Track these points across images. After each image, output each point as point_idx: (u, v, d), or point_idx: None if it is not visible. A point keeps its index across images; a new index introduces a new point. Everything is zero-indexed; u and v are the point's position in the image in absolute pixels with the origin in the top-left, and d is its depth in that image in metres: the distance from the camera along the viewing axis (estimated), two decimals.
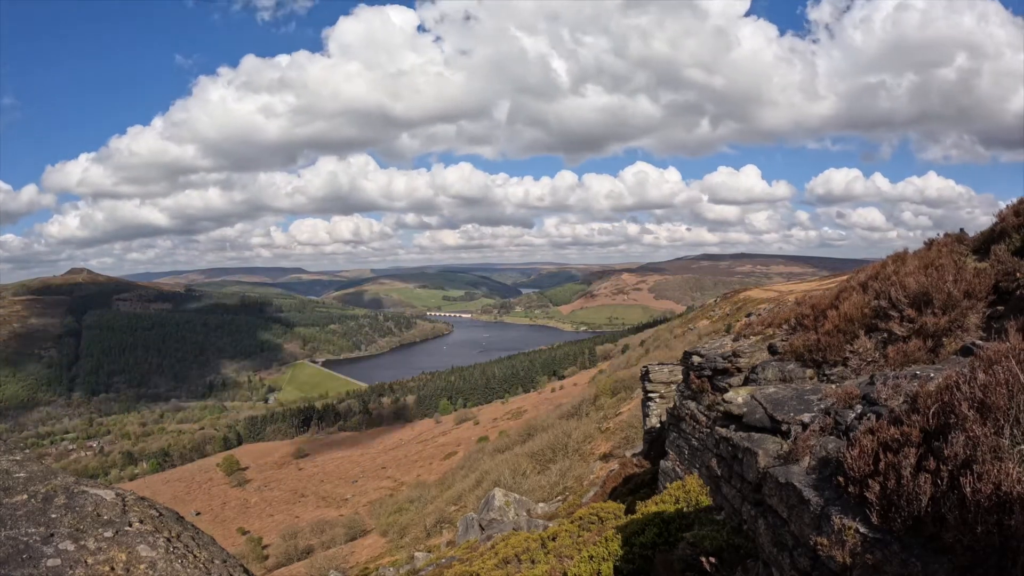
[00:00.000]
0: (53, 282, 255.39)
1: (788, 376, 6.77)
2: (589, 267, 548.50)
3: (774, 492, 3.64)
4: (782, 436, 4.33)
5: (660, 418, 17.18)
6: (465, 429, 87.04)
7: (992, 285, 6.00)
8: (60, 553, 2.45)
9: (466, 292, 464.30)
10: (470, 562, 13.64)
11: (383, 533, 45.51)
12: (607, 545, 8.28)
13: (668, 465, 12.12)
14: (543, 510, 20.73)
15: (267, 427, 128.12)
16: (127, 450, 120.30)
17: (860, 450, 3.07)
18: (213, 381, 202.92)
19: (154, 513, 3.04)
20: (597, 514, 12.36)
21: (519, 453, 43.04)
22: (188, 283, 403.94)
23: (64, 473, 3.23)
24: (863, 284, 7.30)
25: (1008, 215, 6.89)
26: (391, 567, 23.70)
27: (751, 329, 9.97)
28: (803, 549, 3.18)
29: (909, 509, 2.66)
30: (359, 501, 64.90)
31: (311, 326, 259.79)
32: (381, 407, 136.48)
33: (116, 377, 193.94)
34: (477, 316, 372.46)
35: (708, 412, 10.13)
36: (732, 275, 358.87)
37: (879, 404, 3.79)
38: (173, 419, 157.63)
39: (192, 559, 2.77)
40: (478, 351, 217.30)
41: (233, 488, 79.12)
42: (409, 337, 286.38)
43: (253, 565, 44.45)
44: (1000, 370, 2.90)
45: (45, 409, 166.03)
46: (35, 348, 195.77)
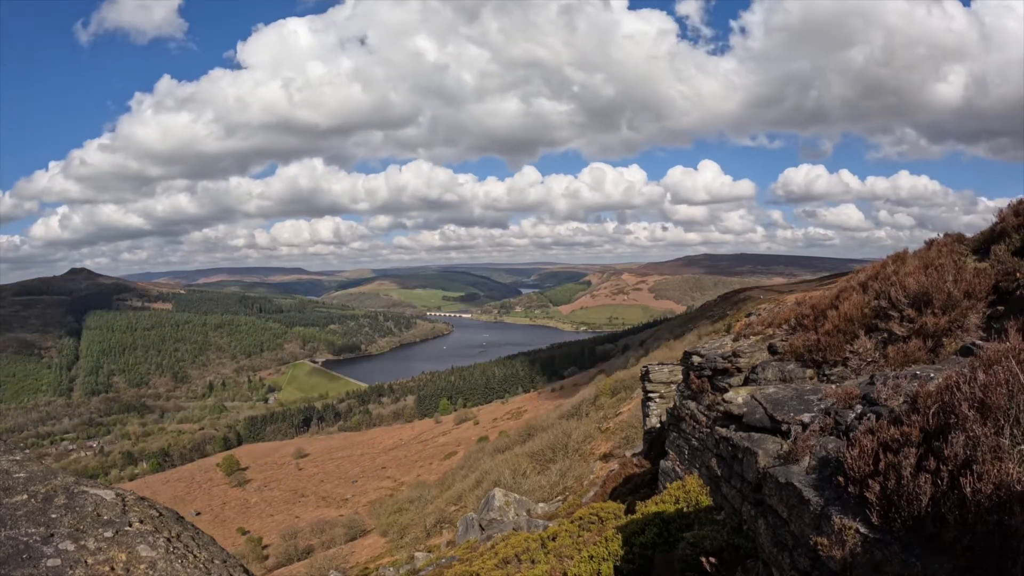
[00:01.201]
0: (53, 282, 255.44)
1: (788, 376, 6.77)
2: (590, 267, 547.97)
3: (774, 492, 3.64)
4: (782, 436, 4.33)
5: (660, 418, 17.16)
6: (465, 429, 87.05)
7: (992, 285, 6.00)
8: (60, 553, 2.45)
9: (466, 292, 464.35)
10: (470, 562, 13.64)
11: (383, 533, 45.49)
12: (607, 545, 8.28)
13: (668, 465, 12.12)
14: (543, 510, 20.72)
15: (267, 427, 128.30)
16: (127, 450, 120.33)
17: (860, 450, 3.07)
18: (213, 381, 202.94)
19: (154, 513, 3.04)
20: (597, 514, 12.35)
21: (519, 453, 43.02)
22: (188, 283, 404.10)
23: (64, 473, 3.23)
24: (863, 284, 7.30)
25: (1008, 215, 6.89)
26: (391, 567, 23.70)
27: (751, 329, 9.96)
28: (803, 549, 3.18)
29: (909, 509, 2.66)
30: (359, 501, 64.90)
31: (311, 326, 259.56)
32: (381, 407, 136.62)
33: (116, 377, 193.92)
34: (477, 316, 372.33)
35: (708, 412, 10.12)
36: (732, 275, 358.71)
37: (879, 404, 3.78)
38: (173, 419, 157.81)
39: (192, 559, 2.77)
40: (478, 351, 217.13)
41: (233, 488, 79.11)
42: (409, 337, 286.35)
43: (253, 565, 44.43)
44: (1000, 370, 2.90)
45: (45, 409, 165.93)
46: (35, 348, 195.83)
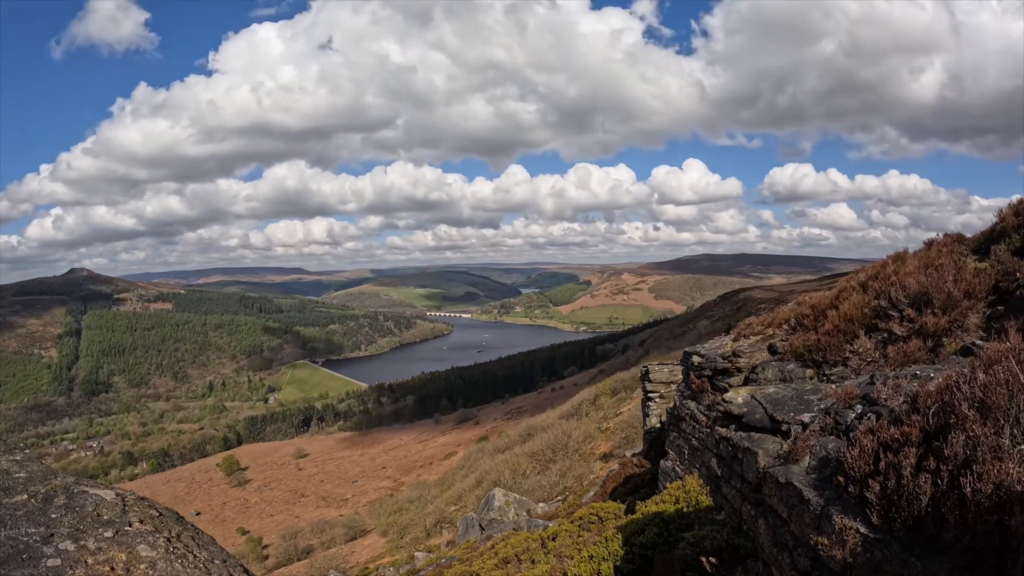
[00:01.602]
0: (53, 282, 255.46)
1: (788, 376, 6.77)
2: (589, 267, 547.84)
3: (774, 492, 3.63)
4: (782, 436, 4.32)
5: (660, 418, 17.16)
6: (465, 429, 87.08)
7: (992, 285, 6.00)
8: (60, 553, 2.45)
9: (466, 292, 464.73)
10: (470, 562, 13.64)
11: (383, 533, 45.51)
12: (607, 545, 8.28)
13: (668, 465, 12.12)
14: (543, 510, 20.72)
15: (267, 427, 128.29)
16: (127, 450, 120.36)
17: (860, 450, 3.07)
18: (213, 381, 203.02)
19: (154, 513, 3.04)
20: (597, 514, 12.35)
21: (519, 453, 42.99)
22: (187, 283, 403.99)
23: (64, 473, 3.23)
24: (863, 284, 7.30)
25: (1008, 215, 6.89)
26: (391, 567, 23.71)
27: (751, 329, 9.95)
28: (803, 549, 3.18)
29: (909, 509, 2.66)
30: (359, 501, 64.89)
31: (311, 326, 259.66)
32: (381, 407, 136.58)
33: (116, 377, 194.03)
34: (477, 316, 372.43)
35: (708, 412, 10.12)
36: (732, 275, 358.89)
37: (879, 404, 3.78)
38: (173, 419, 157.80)
39: (192, 559, 2.77)
40: (478, 351, 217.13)
41: (233, 488, 79.07)
42: (409, 337, 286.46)
43: (253, 565, 44.44)
44: (1000, 370, 2.89)
45: (45, 409, 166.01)
46: (35, 348, 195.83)
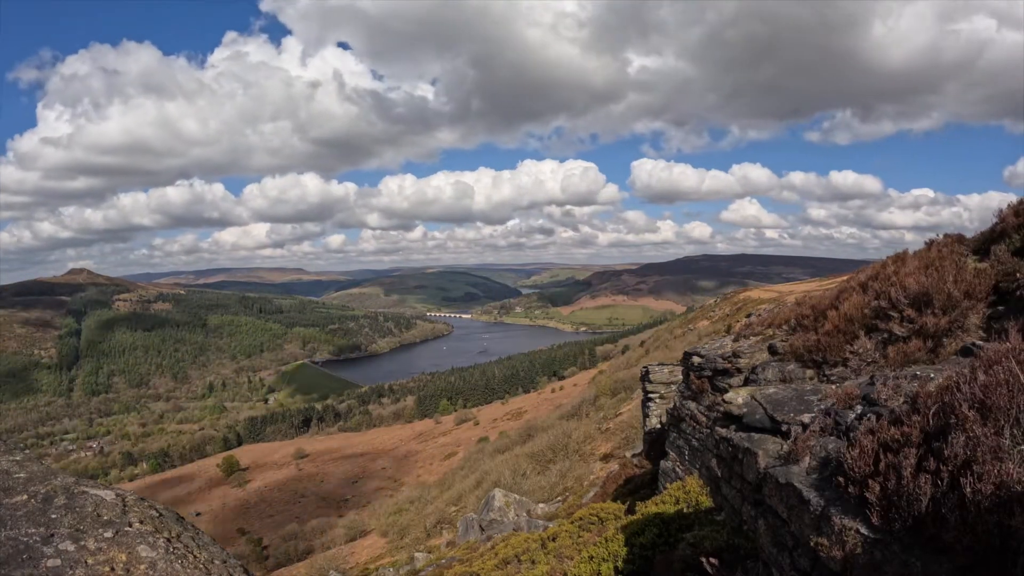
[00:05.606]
0: (53, 282, 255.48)
1: (788, 376, 6.76)
2: (589, 267, 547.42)
3: (774, 492, 3.63)
4: (782, 436, 4.32)
5: (660, 418, 17.15)
6: (465, 429, 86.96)
7: (992, 285, 5.99)
8: (60, 553, 2.44)
9: (466, 293, 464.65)
10: (470, 562, 13.63)
11: (383, 533, 45.42)
12: (607, 545, 8.27)
13: (668, 465, 12.11)
14: (543, 511, 20.70)
15: (267, 427, 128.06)
16: (127, 450, 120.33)
17: (860, 450, 3.07)
18: (213, 381, 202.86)
19: (154, 513, 3.04)
20: (597, 515, 12.34)
21: (519, 454, 42.95)
22: (188, 283, 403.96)
23: (64, 473, 3.23)
24: (863, 284, 7.29)
25: (1008, 215, 6.88)
26: (391, 568, 23.68)
27: (751, 329, 9.95)
28: (803, 549, 3.18)
29: (909, 509, 2.66)
30: (359, 501, 64.86)
31: (311, 326, 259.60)
32: (381, 407, 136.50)
33: (116, 377, 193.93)
34: (477, 317, 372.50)
35: (708, 412, 10.12)
36: (732, 275, 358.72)
37: (879, 404, 3.78)
38: (173, 419, 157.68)
39: (192, 559, 2.77)
40: (478, 351, 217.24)
41: (233, 488, 79.04)
42: (409, 338, 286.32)
43: (253, 565, 44.41)
44: (1000, 370, 2.89)
45: (45, 409, 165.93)
46: (35, 348, 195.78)
